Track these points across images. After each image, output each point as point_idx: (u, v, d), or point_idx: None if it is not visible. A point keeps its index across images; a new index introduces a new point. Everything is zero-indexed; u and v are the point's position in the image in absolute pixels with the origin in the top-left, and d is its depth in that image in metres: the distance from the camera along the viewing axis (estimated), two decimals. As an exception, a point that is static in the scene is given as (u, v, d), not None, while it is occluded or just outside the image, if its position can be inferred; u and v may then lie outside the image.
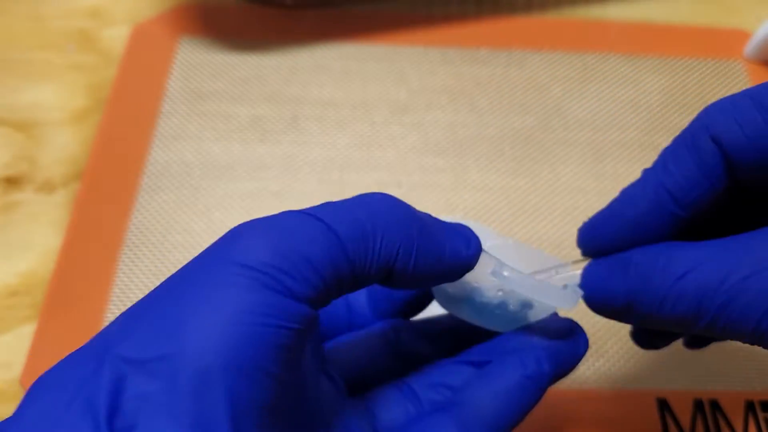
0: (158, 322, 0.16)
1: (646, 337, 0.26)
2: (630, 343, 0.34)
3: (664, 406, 0.32)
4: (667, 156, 0.21)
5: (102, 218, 0.37)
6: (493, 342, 0.22)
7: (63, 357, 0.17)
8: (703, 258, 0.19)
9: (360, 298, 0.24)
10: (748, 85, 0.39)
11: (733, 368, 0.33)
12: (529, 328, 0.21)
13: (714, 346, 0.34)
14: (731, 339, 0.19)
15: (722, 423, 0.32)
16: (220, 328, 0.15)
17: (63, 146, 0.40)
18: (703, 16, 0.50)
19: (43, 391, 0.16)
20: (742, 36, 0.48)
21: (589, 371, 0.33)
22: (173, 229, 0.37)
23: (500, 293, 0.21)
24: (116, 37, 0.45)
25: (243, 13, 0.47)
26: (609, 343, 0.34)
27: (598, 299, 0.21)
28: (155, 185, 0.39)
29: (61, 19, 0.46)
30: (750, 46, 0.46)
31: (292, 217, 0.17)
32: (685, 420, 0.32)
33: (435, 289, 0.23)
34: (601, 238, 0.21)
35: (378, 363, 0.22)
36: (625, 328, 0.34)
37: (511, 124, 0.43)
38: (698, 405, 0.32)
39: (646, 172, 0.21)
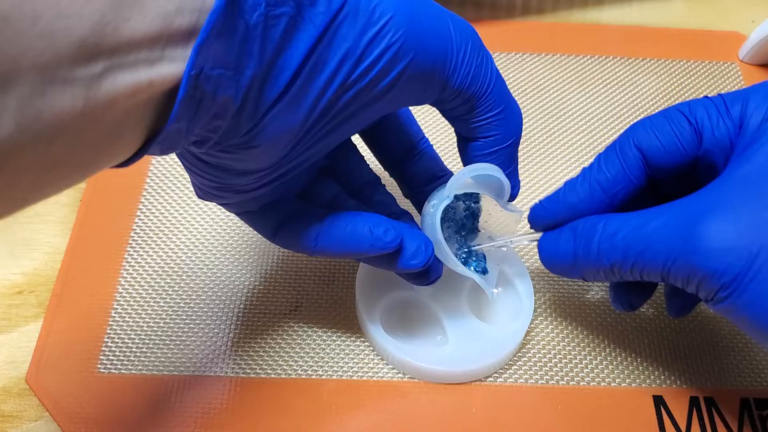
0: None
1: (625, 299, 0.31)
2: (626, 341, 0.34)
3: (660, 403, 0.32)
4: (600, 159, 0.28)
5: (107, 218, 0.38)
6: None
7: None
8: (628, 220, 0.25)
9: None
10: (743, 86, 0.39)
11: (729, 366, 0.34)
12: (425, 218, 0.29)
13: (710, 346, 0.34)
14: (650, 279, 0.25)
15: (718, 420, 0.32)
16: None
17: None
18: (698, 19, 0.50)
19: None
20: (737, 38, 0.48)
21: (586, 369, 0.33)
22: (177, 229, 0.38)
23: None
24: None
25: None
26: (606, 342, 0.34)
27: (551, 259, 0.28)
28: (159, 186, 0.39)
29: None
30: (744, 49, 0.47)
31: None
32: (682, 417, 0.32)
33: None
34: (548, 217, 0.29)
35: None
36: (621, 327, 0.35)
37: (509, 126, 0.43)
38: (694, 402, 0.33)
39: (584, 170, 0.28)
